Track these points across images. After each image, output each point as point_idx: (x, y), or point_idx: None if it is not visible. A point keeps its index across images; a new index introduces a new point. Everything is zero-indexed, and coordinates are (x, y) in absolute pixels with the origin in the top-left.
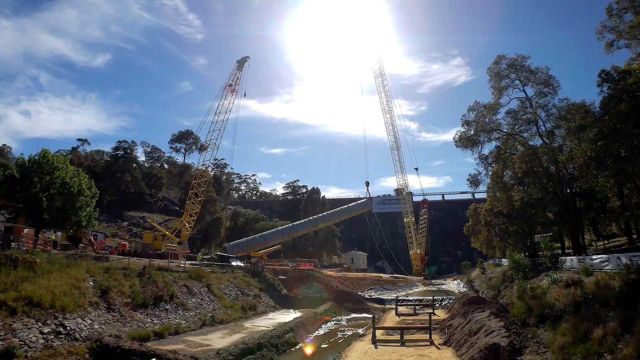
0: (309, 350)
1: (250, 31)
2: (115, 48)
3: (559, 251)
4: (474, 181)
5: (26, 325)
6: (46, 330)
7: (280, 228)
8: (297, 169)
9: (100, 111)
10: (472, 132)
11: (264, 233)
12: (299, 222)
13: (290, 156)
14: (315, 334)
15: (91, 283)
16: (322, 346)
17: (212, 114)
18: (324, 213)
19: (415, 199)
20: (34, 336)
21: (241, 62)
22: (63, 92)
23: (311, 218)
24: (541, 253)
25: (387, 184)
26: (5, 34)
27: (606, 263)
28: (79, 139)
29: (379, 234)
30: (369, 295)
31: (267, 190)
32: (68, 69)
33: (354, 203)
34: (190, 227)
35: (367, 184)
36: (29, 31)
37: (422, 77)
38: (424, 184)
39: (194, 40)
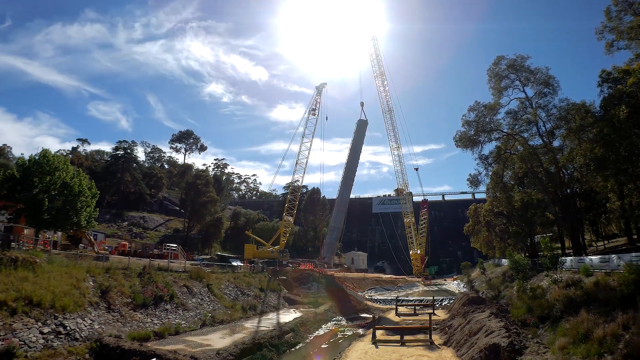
0: None
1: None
2: None
3: (559, 251)
4: (474, 181)
5: (26, 325)
6: (46, 330)
7: (335, 208)
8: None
9: None
10: (472, 132)
11: (331, 223)
12: (339, 189)
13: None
14: (315, 334)
15: (91, 283)
16: (322, 346)
17: (292, 138)
18: (345, 167)
19: (416, 199)
20: (34, 336)
21: (319, 88)
22: None
23: (341, 178)
24: (541, 253)
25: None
26: None
27: (606, 263)
28: (79, 139)
29: (379, 234)
30: (369, 296)
31: (267, 190)
32: None
33: (352, 136)
34: (286, 235)
35: (362, 104)
36: None
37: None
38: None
39: None
